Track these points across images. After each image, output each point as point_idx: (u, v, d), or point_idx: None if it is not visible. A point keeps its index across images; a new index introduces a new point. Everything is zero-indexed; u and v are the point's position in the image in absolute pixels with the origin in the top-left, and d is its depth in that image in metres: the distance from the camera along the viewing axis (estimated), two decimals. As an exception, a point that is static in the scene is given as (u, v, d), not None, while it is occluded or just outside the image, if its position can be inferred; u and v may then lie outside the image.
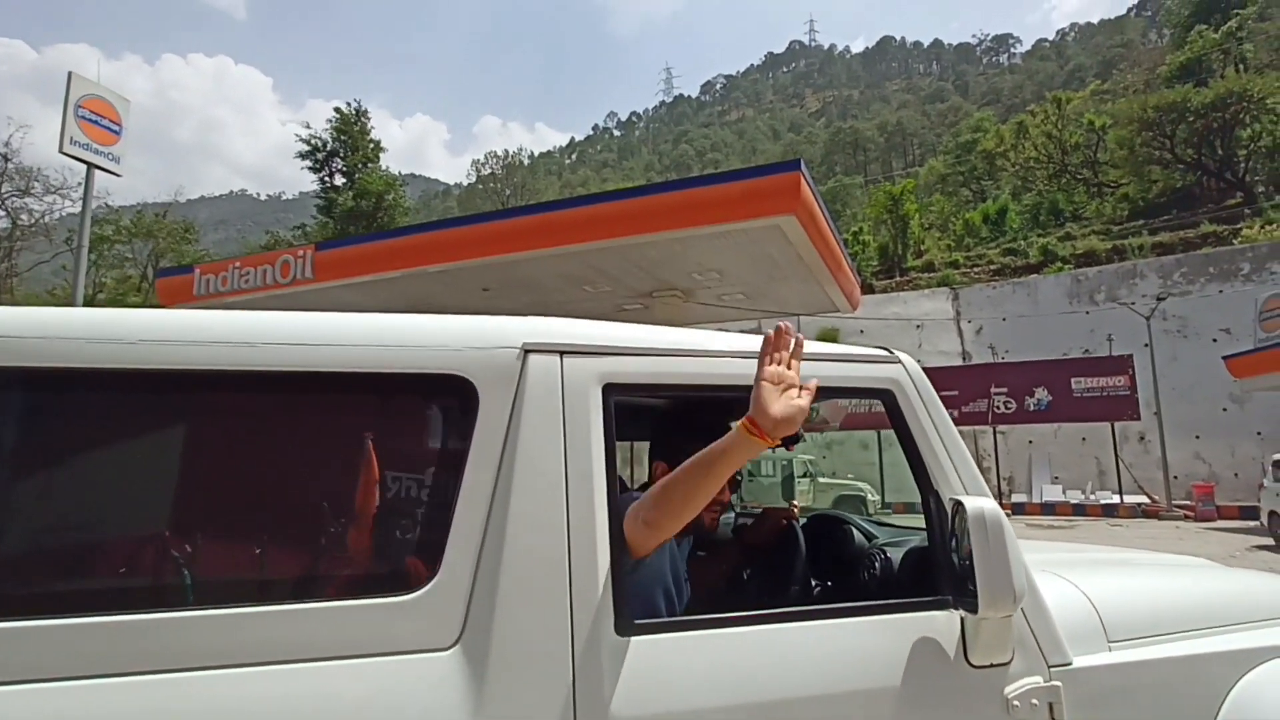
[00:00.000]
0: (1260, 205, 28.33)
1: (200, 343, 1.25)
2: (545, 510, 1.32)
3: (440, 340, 1.38)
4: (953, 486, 1.59)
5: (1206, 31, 45.78)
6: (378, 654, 1.18)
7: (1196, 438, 19.72)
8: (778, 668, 1.37)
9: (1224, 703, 1.65)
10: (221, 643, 1.12)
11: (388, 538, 1.36)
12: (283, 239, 42.45)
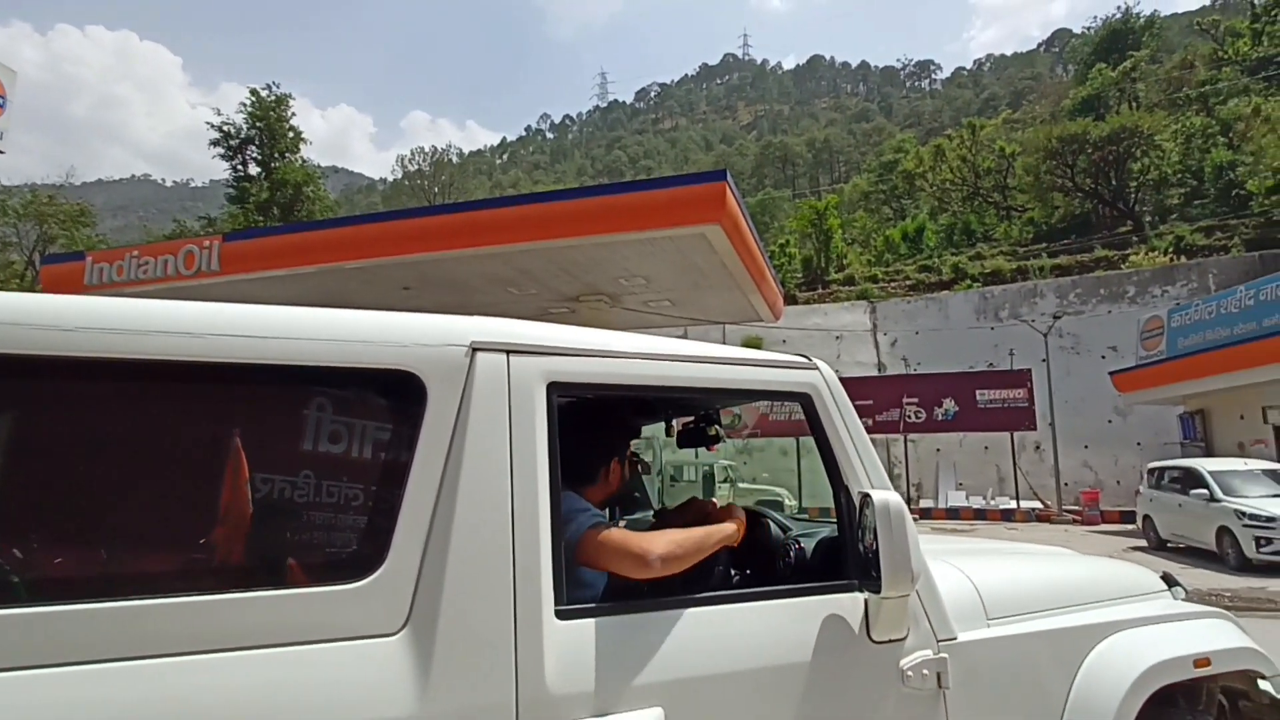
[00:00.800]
0: (1146, 234, 30.63)
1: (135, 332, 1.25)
2: (491, 502, 1.38)
3: (390, 337, 1.43)
4: (861, 482, 1.77)
5: (1105, 70, 49.29)
6: (325, 640, 1.21)
7: (1085, 447, 21.11)
8: (704, 647, 1.49)
9: (1080, 669, 1.93)
10: (172, 630, 1.14)
11: (335, 527, 1.36)
12: (190, 229, 40.12)
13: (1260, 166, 26.12)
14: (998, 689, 1.83)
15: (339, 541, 1.37)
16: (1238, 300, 16.41)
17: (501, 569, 1.35)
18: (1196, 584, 9.59)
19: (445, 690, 1.25)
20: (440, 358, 1.43)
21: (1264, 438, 16.45)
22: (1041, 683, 1.89)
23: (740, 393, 1.93)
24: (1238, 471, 11.91)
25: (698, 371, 1.74)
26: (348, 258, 14.01)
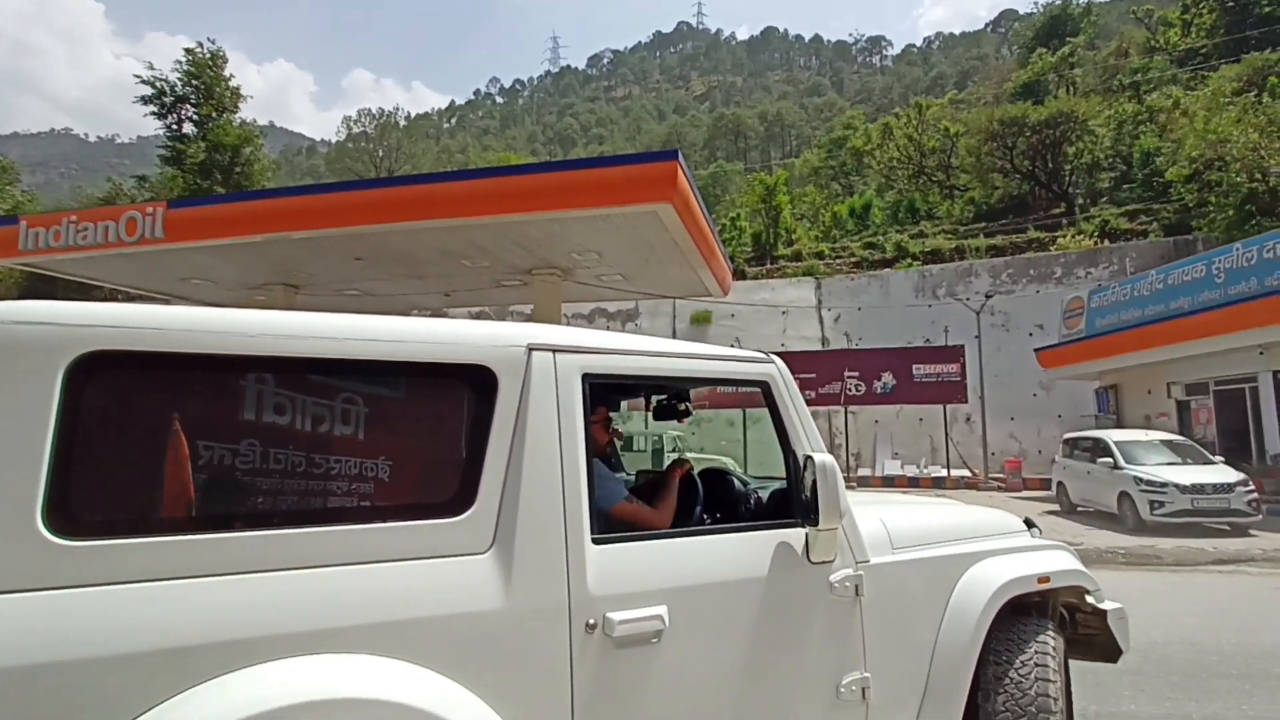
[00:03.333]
0: (1076, 217, 32.12)
1: (305, 336, 1.78)
2: (546, 459, 1.94)
3: (472, 340, 1.96)
4: (805, 447, 2.39)
5: (1045, 55, 50.83)
6: (442, 555, 1.78)
7: (1012, 419, 22.40)
8: (693, 564, 2.11)
9: (956, 584, 2.67)
10: (349, 548, 1.69)
11: (442, 477, 1.92)
12: (125, 191, 38.29)
13: (1179, 156, 27.58)
14: (898, 598, 2.50)
15: (446, 487, 1.88)
16: (1149, 284, 17.63)
17: (554, 507, 1.91)
18: (1097, 543, 10.58)
19: (521, 590, 1.81)
20: (506, 355, 1.96)
21: (1167, 411, 17.86)
22: (929, 594, 2.61)
23: (716, 379, 2.54)
24: (1139, 442, 13.01)
25: (686, 365, 2.37)
26: (297, 227, 13.87)
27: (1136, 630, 5.86)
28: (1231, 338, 14.59)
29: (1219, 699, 4.31)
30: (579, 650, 1.85)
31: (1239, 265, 15.15)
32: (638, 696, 1.93)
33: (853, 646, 2.34)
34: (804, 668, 2.26)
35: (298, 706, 1.46)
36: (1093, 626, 3.18)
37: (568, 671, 1.83)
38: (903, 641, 2.50)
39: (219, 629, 1.49)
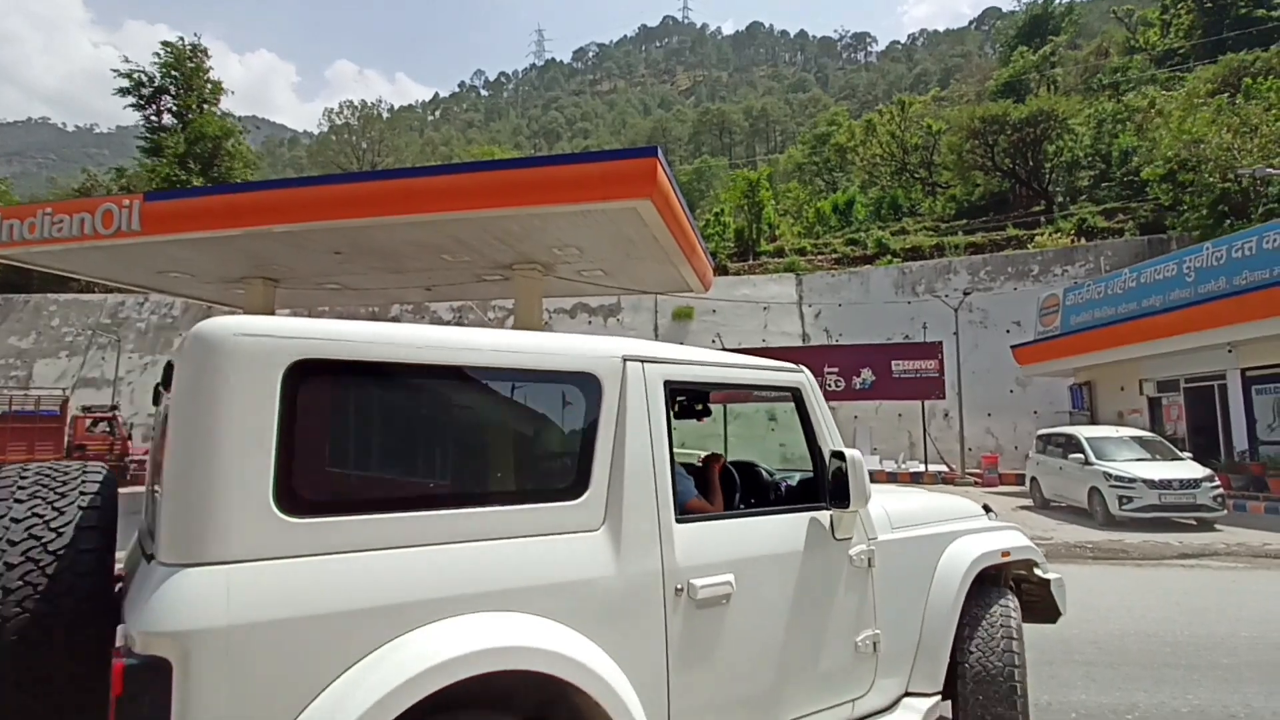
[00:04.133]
0: (1054, 215, 32.51)
1: (459, 347, 2.15)
2: (640, 452, 2.34)
3: (582, 351, 2.35)
4: (830, 443, 2.87)
5: (1026, 53, 51.26)
6: (566, 532, 2.15)
7: (989, 415, 22.69)
8: (749, 539, 2.55)
9: (940, 557, 3.22)
10: (497, 525, 2.05)
11: (565, 466, 2.30)
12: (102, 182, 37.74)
13: (1155, 156, 27.98)
14: (898, 569, 3.03)
15: (566, 475, 2.26)
16: (1122, 282, 17.92)
17: (649, 492, 2.32)
18: (1067, 538, 10.80)
19: (626, 561, 2.21)
20: (607, 364, 2.36)
21: (1139, 408, 18.18)
22: (920, 565, 3.15)
23: (761, 386, 2.94)
24: (1110, 438, 13.25)
25: (739, 374, 2.84)
26: (276, 221, 13.77)
27: (1095, 623, 6.03)
28: (1201, 336, 14.88)
29: (1166, 689, 4.46)
30: (670, 610, 2.27)
31: (1209, 265, 15.45)
32: (714, 646, 2.37)
33: (866, 608, 2.87)
34: (831, 625, 2.74)
35: (478, 653, 1.81)
36: (1035, 594, 3.75)
37: (662, 627, 2.25)
38: (902, 605, 3.03)
39: (412, 591, 1.85)
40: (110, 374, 28.23)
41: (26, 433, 19.86)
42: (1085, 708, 4.16)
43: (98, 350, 29.77)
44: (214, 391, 1.75)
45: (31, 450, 19.72)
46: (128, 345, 29.45)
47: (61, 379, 28.38)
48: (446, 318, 29.03)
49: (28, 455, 19.60)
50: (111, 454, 22.41)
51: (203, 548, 1.67)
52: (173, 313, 30.68)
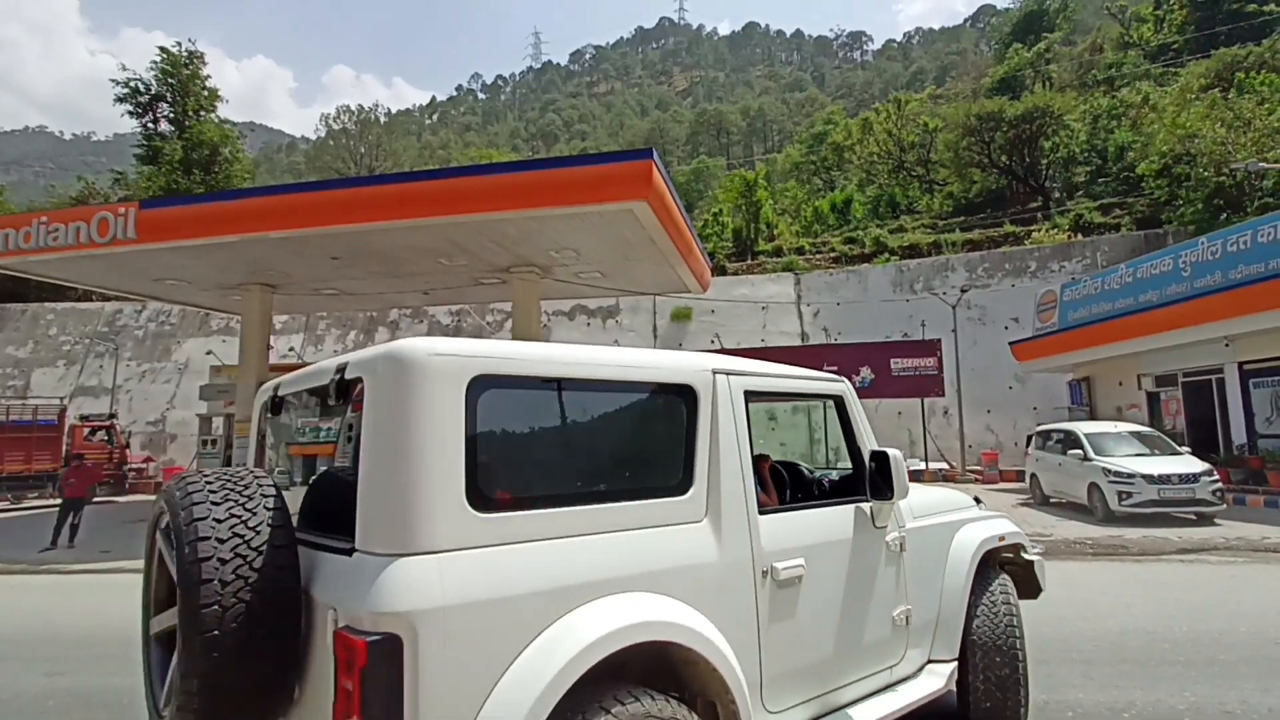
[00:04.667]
0: (1051, 211, 32.51)
1: (597, 363, 2.50)
2: (730, 453, 2.70)
3: (681, 366, 2.70)
4: (869, 444, 3.28)
5: (1021, 50, 51.30)
6: (677, 523, 2.50)
7: (988, 412, 22.66)
8: (814, 529, 2.95)
9: (952, 542, 3.69)
10: (628, 518, 2.38)
11: (673, 466, 2.60)
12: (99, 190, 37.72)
13: (1150, 151, 27.98)
14: (922, 552, 3.48)
15: (675, 473, 2.58)
16: (1119, 277, 17.91)
17: (738, 487, 2.69)
18: (1067, 534, 10.79)
19: (724, 548, 2.57)
20: (702, 378, 2.72)
21: (1138, 402, 18.16)
22: (938, 549, 3.62)
23: (813, 394, 3.37)
24: (1109, 433, 13.24)
25: (796, 384, 3.23)
26: (273, 228, 13.77)
27: (1094, 621, 6.01)
28: (1198, 330, 14.87)
29: (1164, 686, 4.45)
30: (759, 589, 2.63)
31: (1204, 259, 15.45)
32: (792, 621, 2.75)
33: (900, 587, 3.30)
34: (875, 602, 3.14)
35: (631, 627, 2.13)
36: (1019, 574, 4.15)
37: (754, 603, 2.61)
38: (925, 584, 3.48)
39: (572, 576, 2.16)
40: (108, 382, 28.20)
41: (24, 442, 19.84)
42: (1082, 706, 4.15)
43: (95, 359, 29.75)
44: (415, 403, 2.03)
45: (29, 460, 19.70)
46: (125, 353, 29.43)
47: (60, 387, 28.36)
48: (445, 321, 29.03)
49: (25, 465, 19.59)
50: (110, 463, 22.39)
51: (415, 540, 1.95)
52: (171, 320, 30.66)
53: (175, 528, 2.09)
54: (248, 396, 18.52)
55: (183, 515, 2.07)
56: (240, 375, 18.91)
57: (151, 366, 29.54)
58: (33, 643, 6.34)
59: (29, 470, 19.69)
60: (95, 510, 16.05)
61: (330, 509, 2.24)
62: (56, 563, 10.98)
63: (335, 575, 2.07)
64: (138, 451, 25.64)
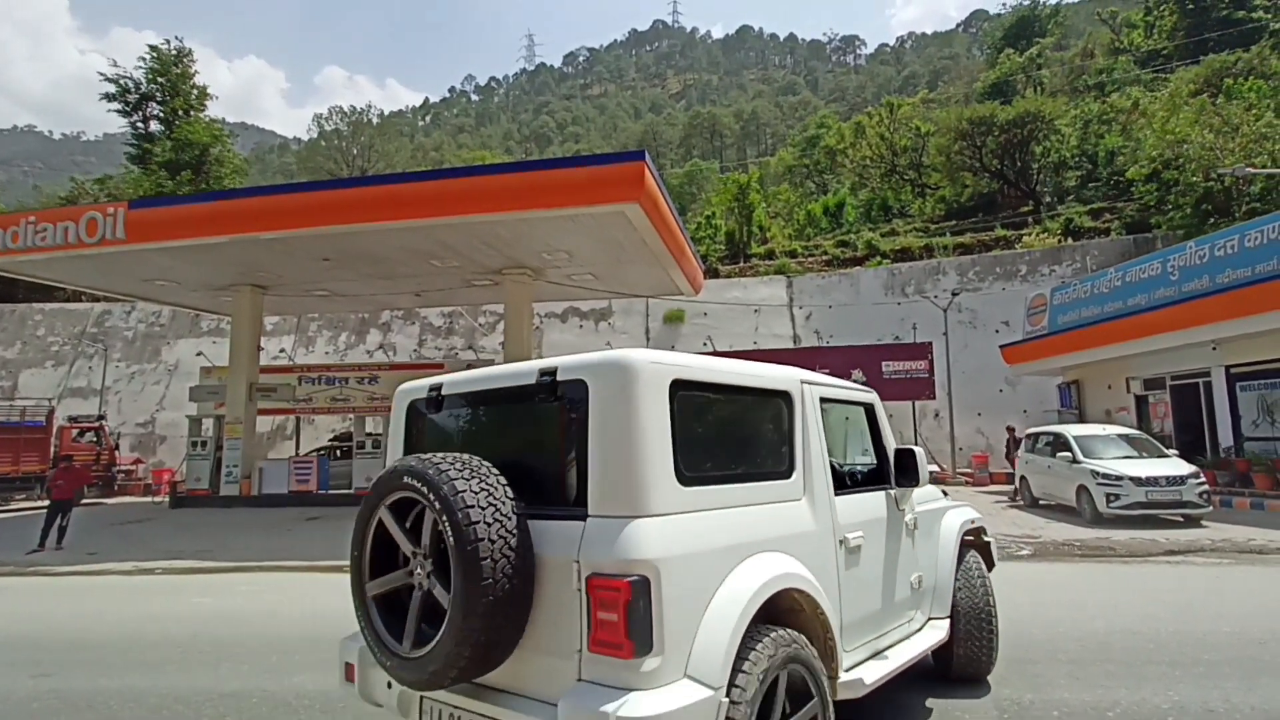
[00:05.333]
0: (1042, 215, 32.71)
1: (745, 373, 3.25)
2: (815, 446, 3.43)
3: (780, 376, 3.42)
4: (893, 444, 4.12)
5: (1013, 55, 51.59)
6: (785, 500, 3.18)
7: (979, 415, 22.75)
8: (865, 509, 3.71)
9: (940, 524, 4.51)
10: (762, 495, 3.08)
11: (780, 454, 3.32)
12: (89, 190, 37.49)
13: (1139, 156, 28.21)
14: (925, 530, 4.29)
15: (784, 461, 3.31)
16: (1108, 281, 18.04)
17: (822, 474, 3.42)
18: (1055, 536, 10.85)
19: (817, 520, 3.29)
20: (795, 386, 3.46)
21: (1126, 405, 18.29)
22: (932, 530, 4.40)
23: (852, 401, 4.01)
24: (1097, 436, 13.32)
25: (842, 392, 3.91)
26: (263, 228, 13.77)
27: (1081, 621, 6.06)
28: (1186, 334, 14.98)
29: (1149, 686, 4.49)
30: (838, 554, 3.36)
31: (1192, 263, 15.58)
32: (856, 579, 3.49)
33: (914, 559, 4.09)
34: (901, 568, 3.92)
35: (782, 576, 2.85)
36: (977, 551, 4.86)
37: (834, 565, 3.32)
38: (928, 556, 4.28)
39: (738, 537, 2.84)
40: (97, 383, 28.01)
41: (12, 444, 19.67)
42: (1068, 705, 4.18)
43: (84, 360, 29.54)
44: (639, 401, 2.63)
45: (17, 461, 19.54)
46: (115, 354, 29.24)
47: (48, 388, 28.14)
48: (437, 323, 28.96)
49: (13, 466, 19.43)
50: (99, 464, 22.23)
51: (645, 506, 2.56)
52: (160, 321, 30.48)
53: (442, 499, 2.55)
54: (238, 398, 18.48)
55: (447, 489, 2.55)
56: (231, 377, 18.83)
57: (141, 368, 29.35)
58: (20, 645, 6.29)
59: (16, 472, 19.52)
60: (84, 512, 15.93)
61: (532, 485, 2.78)
62: (44, 565, 10.89)
63: (569, 536, 2.60)
64: (127, 453, 25.46)
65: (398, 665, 2.69)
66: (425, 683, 2.63)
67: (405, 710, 2.97)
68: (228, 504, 17.42)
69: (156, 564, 10.65)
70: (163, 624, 6.97)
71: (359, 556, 2.93)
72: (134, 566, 10.54)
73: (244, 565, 10.43)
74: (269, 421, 25.53)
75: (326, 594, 8.47)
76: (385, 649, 2.75)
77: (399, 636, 2.74)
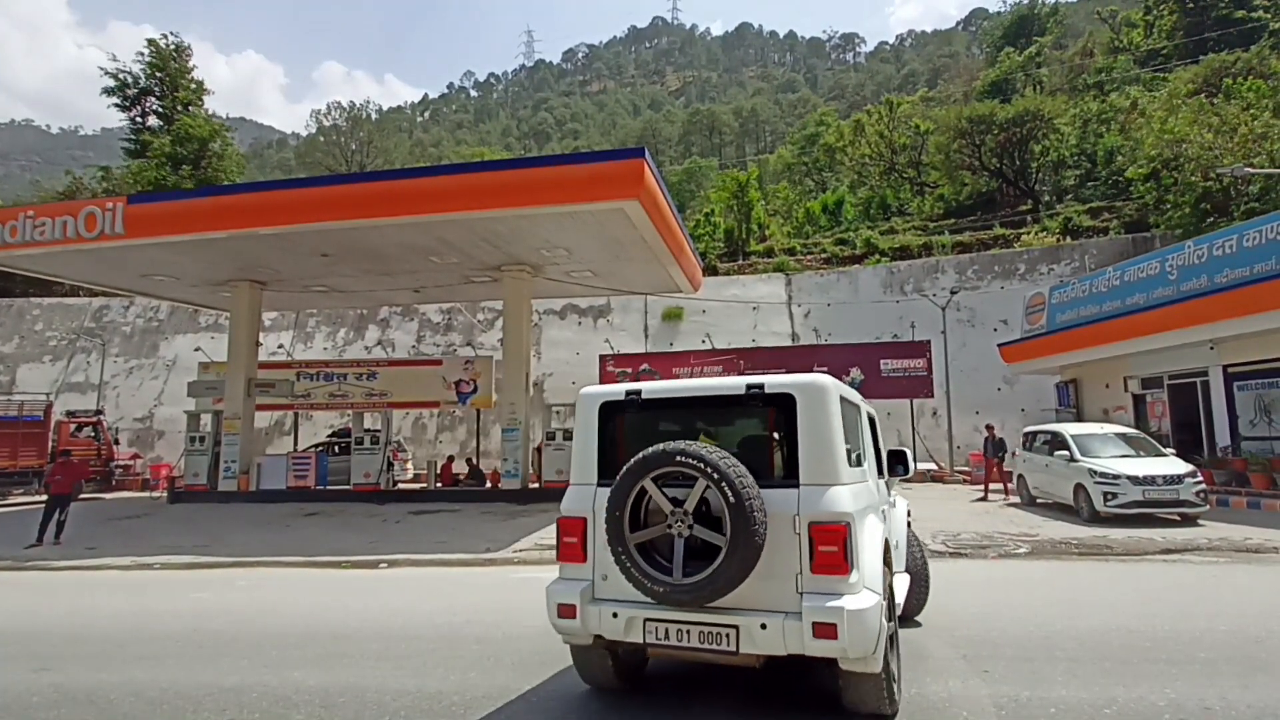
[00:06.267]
0: (1041, 214, 32.73)
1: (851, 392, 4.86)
2: (870, 443, 4.94)
3: (857, 395, 4.92)
4: (885, 445, 5.55)
5: (1013, 54, 51.57)
6: (866, 482, 4.37)
7: (977, 413, 22.75)
8: (883, 489, 5.12)
9: (898, 505, 5.93)
10: (860, 475, 4.31)
11: (861, 450, 4.55)
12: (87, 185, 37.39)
13: (1138, 155, 28.22)
14: (895, 508, 5.62)
15: (861, 455, 4.49)
16: (1107, 281, 18.06)
17: (873, 464, 4.87)
18: (1054, 535, 10.88)
19: (880, 495, 4.78)
20: (864, 403, 5.03)
21: (1124, 404, 18.32)
22: (898, 508, 5.80)
23: (868, 414, 5.10)
24: (1095, 435, 13.34)
25: (866, 405, 5.08)
26: (263, 224, 13.74)
27: (1078, 619, 6.08)
28: (1184, 333, 15.01)
29: (1145, 683, 4.50)
30: (885, 518, 4.68)
31: (1191, 263, 15.60)
32: (890, 535, 4.67)
33: (893, 527, 5.17)
34: (893, 532, 5.09)
35: (896, 528, 5.24)
36: None
37: (883, 524, 4.48)
38: (896, 526, 5.44)
39: (865, 502, 4.07)
40: (95, 378, 27.97)
41: (10, 438, 19.64)
42: (1065, 703, 4.20)
43: (82, 354, 29.50)
44: (831, 408, 3.89)
45: (14, 455, 19.51)
46: (113, 349, 29.19)
47: (46, 383, 28.09)
48: (436, 319, 28.94)
49: (10, 461, 19.41)
50: (97, 459, 22.21)
51: (839, 477, 3.79)
52: (159, 316, 30.43)
53: (720, 473, 3.58)
54: (236, 393, 18.47)
55: (723, 465, 3.60)
56: (229, 372, 18.81)
57: (139, 363, 29.31)
58: (19, 639, 6.29)
59: (14, 466, 19.49)
60: (82, 507, 15.92)
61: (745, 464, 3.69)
62: (43, 560, 10.90)
63: (786, 498, 3.75)
64: (125, 448, 25.43)
65: (670, 590, 3.64)
66: (693, 601, 3.65)
67: (629, 632, 3.86)
68: (226, 499, 17.42)
69: (155, 559, 10.66)
70: (162, 619, 6.98)
71: (619, 516, 3.79)
72: (132, 561, 10.55)
73: (242, 560, 10.45)
74: (267, 417, 25.51)
75: (325, 589, 8.48)
76: (655, 580, 3.67)
77: (666, 571, 3.70)
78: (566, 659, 5.29)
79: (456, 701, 4.43)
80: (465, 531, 12.62)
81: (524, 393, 17.17)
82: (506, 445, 16.84)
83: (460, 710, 4.29)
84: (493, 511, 15.03)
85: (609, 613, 3.90)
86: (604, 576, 3.98)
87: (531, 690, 4.63)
